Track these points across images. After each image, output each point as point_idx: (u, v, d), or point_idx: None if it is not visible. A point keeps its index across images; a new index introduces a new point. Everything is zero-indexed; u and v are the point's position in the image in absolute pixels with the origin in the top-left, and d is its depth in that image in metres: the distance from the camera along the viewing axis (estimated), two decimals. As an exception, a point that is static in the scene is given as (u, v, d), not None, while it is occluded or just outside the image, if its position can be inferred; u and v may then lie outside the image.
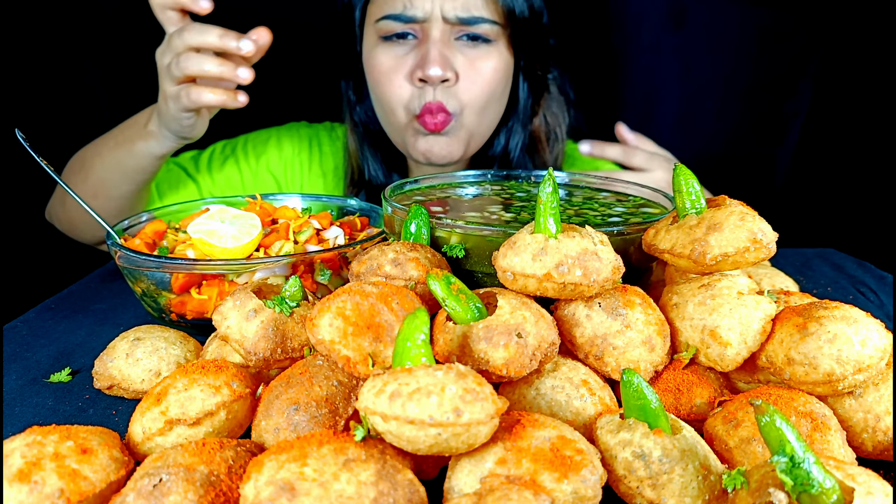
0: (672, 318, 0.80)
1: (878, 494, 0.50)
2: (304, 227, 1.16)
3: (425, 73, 1.45)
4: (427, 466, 0.66)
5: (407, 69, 1.51)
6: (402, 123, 1.56)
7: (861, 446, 0.71)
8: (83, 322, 1.14)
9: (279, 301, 0.81)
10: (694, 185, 0.84)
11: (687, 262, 0.79)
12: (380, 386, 0.58)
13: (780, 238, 0.78)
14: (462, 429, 0.55)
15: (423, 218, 0.94)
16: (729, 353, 0.74)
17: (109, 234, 1.13)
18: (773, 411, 0.52)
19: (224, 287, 1.03)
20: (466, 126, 1.57)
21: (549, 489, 0.56)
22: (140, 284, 1.07)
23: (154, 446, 0.69)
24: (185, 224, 1.19)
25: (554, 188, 0.76)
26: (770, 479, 0.52)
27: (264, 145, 1.83)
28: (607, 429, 0.65)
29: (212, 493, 0.58)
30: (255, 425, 0.71)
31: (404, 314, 0.73)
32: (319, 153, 1.87)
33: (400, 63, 1.52)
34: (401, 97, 1.53)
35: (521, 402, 0.72)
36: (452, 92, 1.51)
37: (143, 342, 0.88)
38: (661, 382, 0.78)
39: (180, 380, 0.71)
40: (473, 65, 1.52)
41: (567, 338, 0.79)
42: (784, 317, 0.74)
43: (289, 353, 0.80)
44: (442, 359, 0.70)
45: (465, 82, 1.51)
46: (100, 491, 0.60)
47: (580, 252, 0.73)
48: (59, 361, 0.99)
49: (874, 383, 0.71)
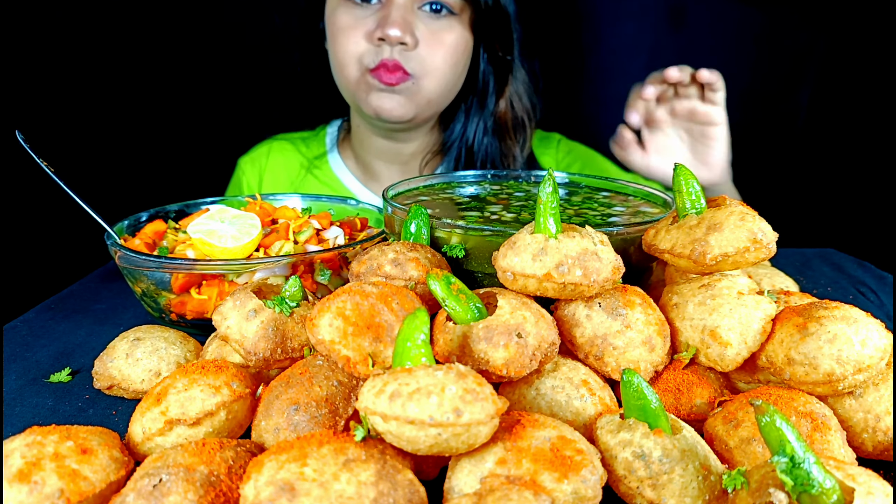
0: (672, 318, 0.80)
1: (878, 494, 0.50)
2: (304, 227, 1.16)
3: (384, 32, 1.47)
4: (427, 466, 0.66)
5: (366, 28, 1.53)
6: (355, 78, 1.58)
7: (861, 446, 0.71)
8: (83, 322, 1.14)
9: (279, 301, 0.81)
10: (694, 185, 0.84)
11: (687, 262, 0.79)
12: (380, 386, 0.58)
13: (780, 238, 0.78)
14: (462, 429, 0.55)
15: (423, 218, 0.94)
16: (729, 353, 0.74)
17: (109, 234, 1.13)
18: (773, 411, 0.52)
19: (224, 287, 1.03)
20: (423, 91, 1.58)
21: (549, 489, 0.56)
22: (140, 284, 1.07)
23: (154, 446, 0.69)
24: (185, 224, 1.19)
25: (554, 188, 0.76)
26: (770, 479, 0.52)
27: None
28: (607, 429, 0.65)
29: (212, 493, 0.58)
30: (255, 425, 0.71)
31: (404, 314, 0.73)
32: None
33: (360, 22, 1.54)
34: (355, 52, 1.54)
35: (521, 402, 0.72)
36: (411, 56, 1.53)
37: (143, 342, 0.88)
38: (661, 382, 0.78)
39: (180, 380, 0.71)
40: (435, 35, 1.55)
41: (567, 338, 0.78)
42: (784, 317, 0.74)
43: (289, 353, 0.80)
44: (442, 359, 0.70)
45: (425, 49, 1.53)
46: (100, 491, 0.60)
47: (580, 252, 0.73)
48: (59, 361, 0.99)
49: (874, 383, 0.71)
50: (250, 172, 1.92)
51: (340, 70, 1.61)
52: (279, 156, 1.92)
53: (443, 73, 1.58)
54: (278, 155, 1.92)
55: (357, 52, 1.54)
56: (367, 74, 1.55)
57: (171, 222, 1.23)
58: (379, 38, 1.50)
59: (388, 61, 1.51)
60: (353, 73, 1.57)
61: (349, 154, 1.91)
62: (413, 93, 1.57)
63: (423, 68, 1.55)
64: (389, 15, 1.49)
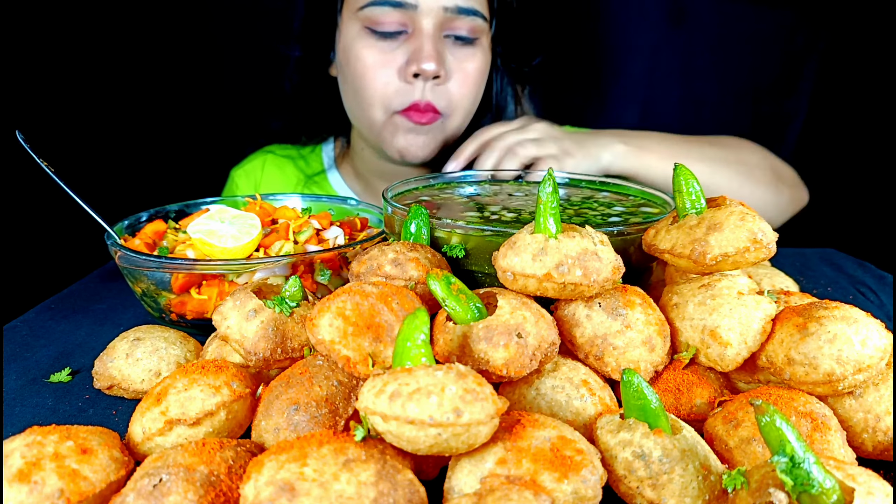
0: (672, 318, 0.80)
1: (878, 494, 0.50)
2: (304, 227, 1.16)
3: (420, 67, 1.41)
4: (427, 466, 0.66)
5: (397, 65, 1.45)
6: (381, 120, 1.51)
7: (861, 446, 0.71)
8: (83, 322, 1.14)
9: (279, 301, 0.81)
10: (694, 185, 0.84)
11: (687, 262, 0.79)
12: (380, 386, 0.58)
13: (780, 238, 0.78)
14: (462, 429, 0.55)
15: (423, 218, 0.94)
16: (729, 353, 0.74)
17: (109, 234, 1.13)
18: (773, 411, 0.52)
19: (224, 287, 1.03)
20: (449, 129, 1.54)
21: (549, 489, 0.56)
22: (140, 284, 1.07)
23: (154, 446, 0.69)
24: (185, 224, 1.19)
25: (554, 188, 0.76)
26: (770, 479, 0.52)
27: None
28: (607, 429, 0.65)
29: (212, 493, 0.58)
30: (255, 425, 0.71)
31: (404, 314, 0.73)
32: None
33: (388, 57, 1.45)
34: (384, 94, 1.47)
35: (521, 402, 0.72)
36: (441, 91, 1.48)
37: (143, 342, 0.88)
38: (661, 382, 0.78)
39: (180, 380, 0.71)
40: (461, 65, 1.50)
41: (567, 338, 0.78)
42: (784, 317, 0.74)
43: (289, 353, 0.80)
44: (442, 359, 0.70)
45: (454, 83, 1.49)
46: (100, 491, 0.60)
47: (580, 252, 0.73)
48: (59, 361, 0.99)
49: (874, 383, 0.71)
50: (244, 185, 1.88)
51: (364, 110, 1.52)
52: (275, 170, 1.87)
53: (467, 108, 1.54)
54: (274, 169, 1.87)
55: (386, 92, 1.46)
56: (394, 117, 1.48)
57: (171, 222, 1.23)
58: (413, 74, 1.43)
59: (420, 103, 1.45)
60: (380, 116, 1.50)
61: (349, 171, 1.87)
62: (439, 131, 1.53)
63: (451, 106, 1.50)
64: (422, 48, 1.41)
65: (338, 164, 1.89)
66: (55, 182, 1.11)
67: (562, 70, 2.29)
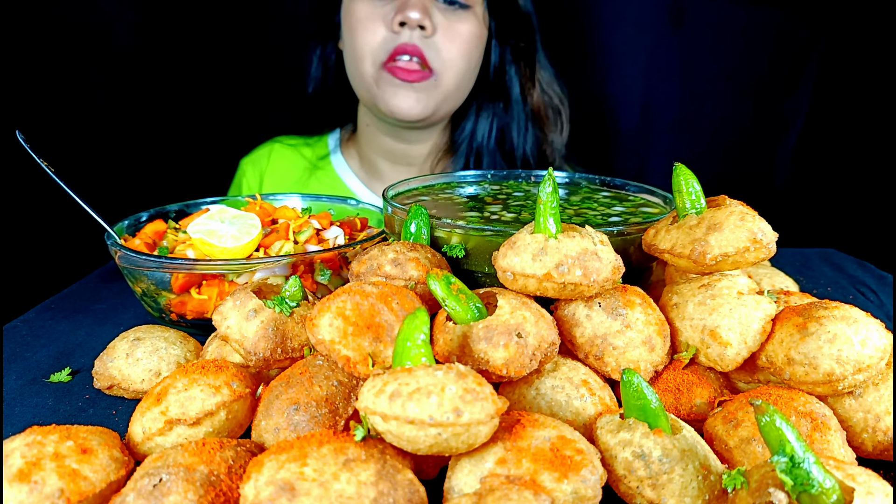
0: (672, 318, 0.80)
1: (878, 494, 0.50)
2: (304, 227, 1.16)
3: (405, 16, 1.48)
4: (427, 466, 0.66)
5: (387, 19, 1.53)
6: (371, 73, 1.57)
7: (861, 446, 0.71)
8: (83, 322, 1.14)
9: (279, 301, 0.81)
10: (694, 185, 0.84)
11: (687, 262, 0.79)
12: (380, 386, 0.58)
13: (780, 238, 0.78)
14: (462, 429, 0.55)
15: (423, 218, 0.94)
16: (729, 353, 0.74)
17: (109, 234, 1.13)
18: (773, 411, 0.52)
19: (224, 287, 1.03)
20: (443, 87, 1.58)
21: (549, 489, 0.56)
22: (140, 284, 1.07)
23: (154, 446, 0.69)
24: (185, 224, 1.19)
25: (554, 188, 0.76)
26: (770, 479, 0.52)
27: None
28: (607, 429, 0.65)
29: (212, 493, 0.58)
30: (255, 425, 0.71)
31: (404, 314, 0.73)
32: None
33: (378, 12, 1.54)
34: (372, 45, 1.54)
35: (521, 402, 0.72)
36: (430, 44, 1.53)
37: (143, 342, 0.88)
38: (661, 382, 0.78)
39: (180, 380, 0.71)
40: (451, 26, 1.55)
41: (567, 338, 0.78)
42: (784, 317, 0.74)
43: (289, 353, 0.80)
44: (442, 359, 0.70)
45: (443, 40, 1.54)
46: (100, 491, 0.60)
47: (580, 252, 0.73)
48: (59, 361, 0.99)
49: (874, 383, 0.71)
50: (251, 174, 1.92)
51: (357, 63, 1.60)
52: (281, 158, 1.91)
53: (459, 66, 1.58)
54: (280, 158, 1.92)
55: (375, 41, 1.54)
56: (382, 70, 1.55)
57: (171, 222, 1.23)
58: (399, 24, 1.50)
59: (406, 45, 1.51)
60: (370, 68, 1.57)
61: (353, 154, 1.91)
62: (433, 88, 1.57)
63: (442, 62, 1.54)
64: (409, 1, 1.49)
65: (343, 149, 1.92)
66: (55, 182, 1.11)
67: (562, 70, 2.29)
